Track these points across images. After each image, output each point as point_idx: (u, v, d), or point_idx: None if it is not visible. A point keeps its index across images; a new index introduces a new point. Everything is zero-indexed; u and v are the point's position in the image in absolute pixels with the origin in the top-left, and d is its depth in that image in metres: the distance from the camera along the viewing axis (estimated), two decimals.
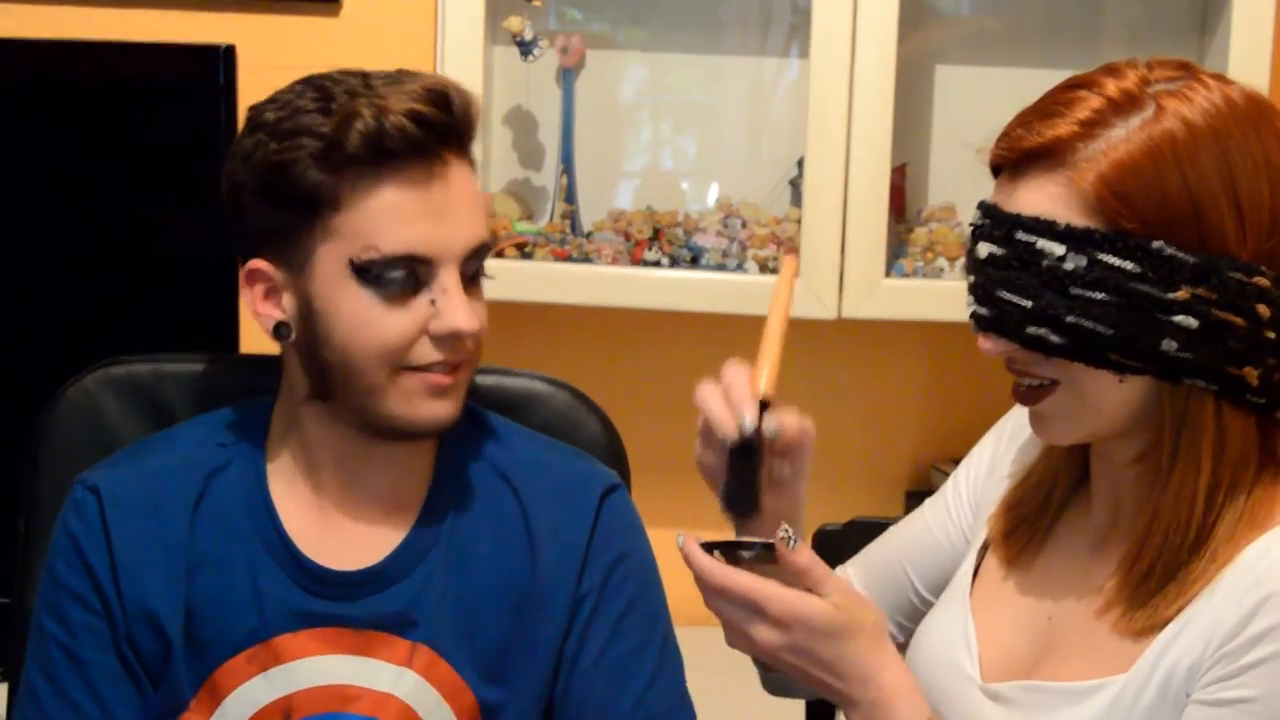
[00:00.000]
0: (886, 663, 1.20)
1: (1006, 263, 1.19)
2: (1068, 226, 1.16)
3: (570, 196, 2.23)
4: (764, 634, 1.19)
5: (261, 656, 1.34)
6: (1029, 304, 1.18)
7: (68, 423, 1.53)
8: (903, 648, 1.45)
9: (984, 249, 1.21)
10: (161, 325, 2.13)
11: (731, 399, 1.30)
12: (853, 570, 1.53)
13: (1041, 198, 1.18)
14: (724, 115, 2.31)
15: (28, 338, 2.13)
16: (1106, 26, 2.25)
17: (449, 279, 1.31)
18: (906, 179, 2.24)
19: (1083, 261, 1.16)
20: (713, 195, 2.28)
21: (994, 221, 1.21)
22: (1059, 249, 1.17)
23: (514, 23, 2.15)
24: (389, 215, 1.28)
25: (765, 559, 1.20)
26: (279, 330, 1.34)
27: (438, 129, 1.29)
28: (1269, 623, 1.13)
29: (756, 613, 1.19)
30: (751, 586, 1.19)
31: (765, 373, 1.31)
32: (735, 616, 1.20)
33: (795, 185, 2.21)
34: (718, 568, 1.20)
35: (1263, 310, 1.16)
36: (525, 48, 2.15)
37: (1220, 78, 1.20)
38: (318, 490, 1.39)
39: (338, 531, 1.38)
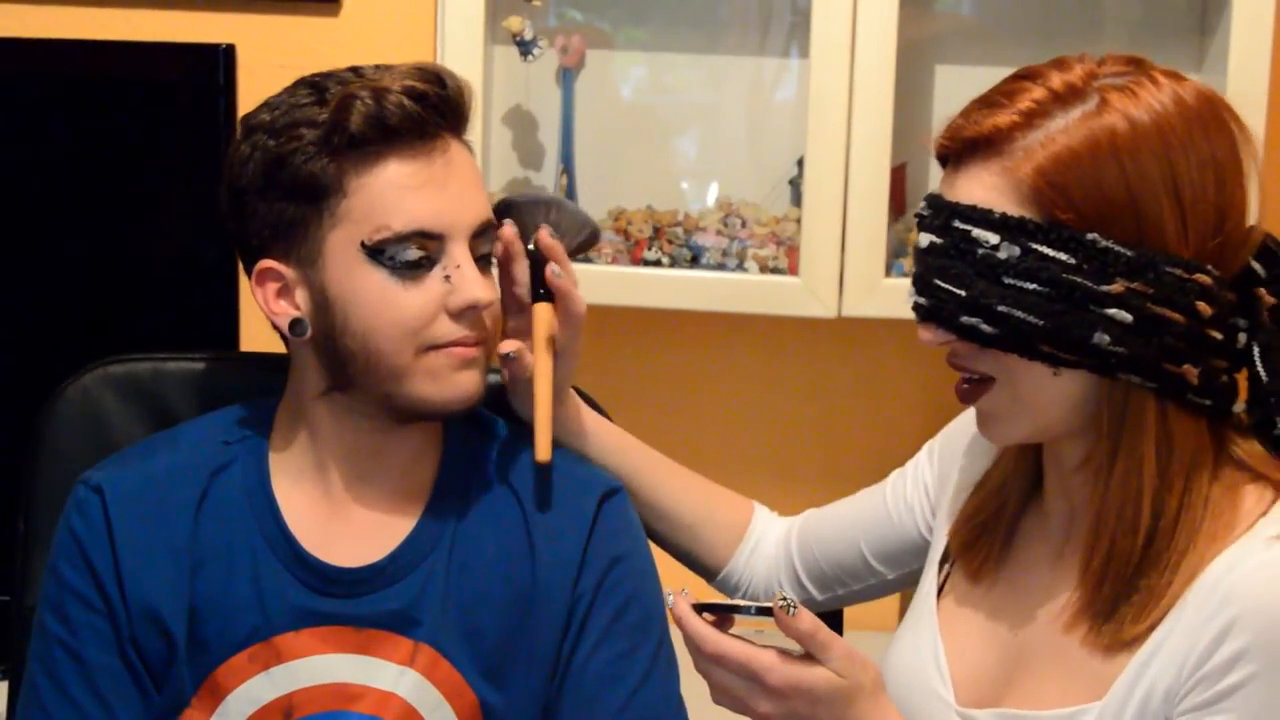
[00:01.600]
0: (887, 718, 1.20)
1: (944, 251, 1.19)
2: (1003, 215, 1.16)
3: (570, 196, 2.23)
4: (762, 704, 1.19)
5: (263, 655, 1.34)
6: (963, 293, 1.18)
7: (67, 422, 1.53)
8: (846, 603, 1.54)
9: (924, 239, 1.21)
10: (161, 325, 2.13)
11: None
12: (813, 518, 1.56)
13: (979, 187, 1.18)
14: (724, 115, 2.31)
15: (28, 338, 2.13)
16: (1106, 26, 2.25)
17: (460, 253, 1.32)
18: (906, 179, 2.24)
19: (1016, 251, 1.15)
20: (713, 195, 2.28)
21: (935, 210, 1.21)
22: (993, 238, 1.16)
23: (514, 22, 2.14)
24: (395, 192, 1.29)
25: (763, 616, 1.18)
26: (295, 327, 1.34)
27: (435, 105, 1.31)
28: (1241, 644, 1.11)
29: (754, 681, 1.18)
30: (749, 655, 1.18)
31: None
32: (730, 684, 1.20)
33: (795, 185, 2.21)
34: (711, 634, 1.19)
35: (1203, 308, 1.15)
36: (525, 47, 2.15)
37: (1173, 75, 1.19)
38: (323, 487, 1.39)
39: (341, 528, 1.38)
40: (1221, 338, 1.17)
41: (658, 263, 2.18)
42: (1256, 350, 1.19)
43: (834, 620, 1.80)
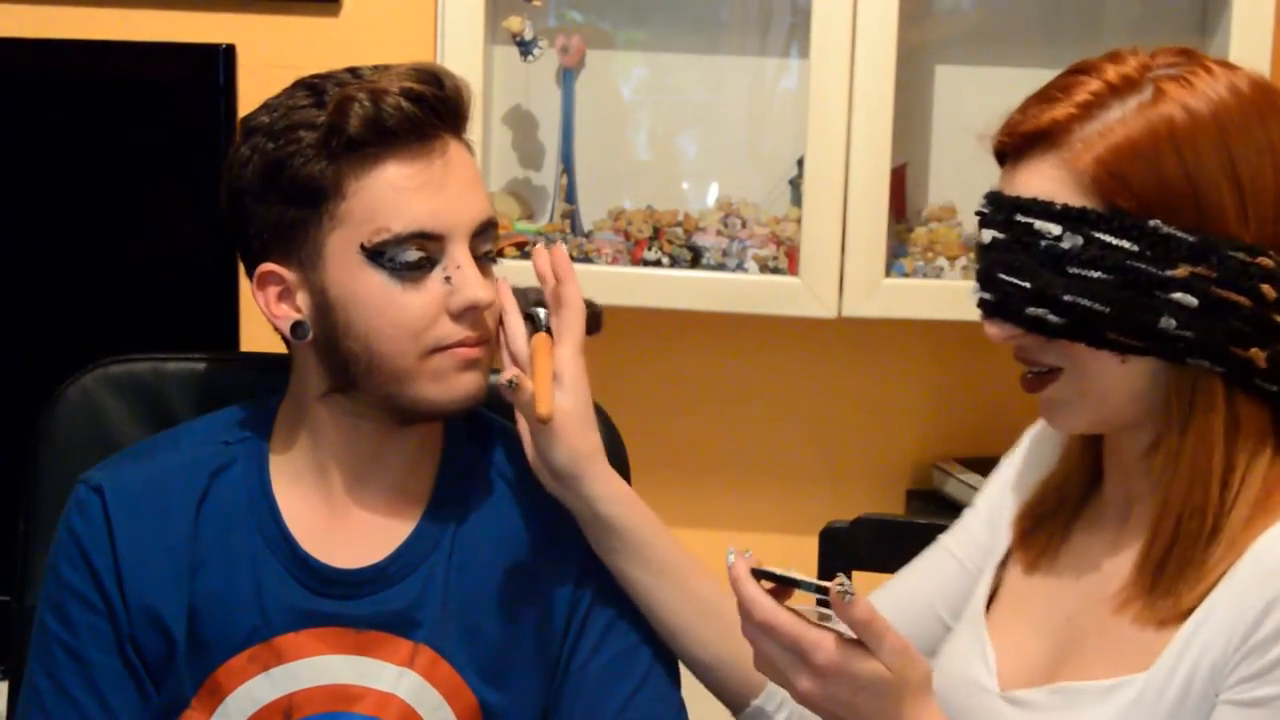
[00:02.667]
0: (929, 716, 1.18)
1: (1007, 246, 1.20)
2: (1064, 206, 1.17)
3: (570, 196, 2.23)
4: (803, 680, 1.16)
5: (263, 655, 1.34)
6: (1028, 285, 1.19)
7: (67, 422, 1.53)
8: None
9: (987, 235, 1.22)
10: (161, 325, 2.13)
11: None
12: (882, 605, 1.49)
13: (1039, 180, 1.19)
14: (724, 115, 2.31)
15: (28, 338, 2.13)
16: (1106, 26, 2.25)
17: (460, 254, 1.31)
18: (906, 179, 2.24)
19: (1079, 241, 1.17)
20: (713, 195, 2.28)
21: (996, 207, 1.22)
22: (1056, 229, 1.17)
23: (514, 22, 2.15)
24: (394, 193, 1.29)
25: (821, 602, 1.15)
26: (297, 330, 1.34)
27: (433, 106, 1.31)
28: None
29: (799, 657, 1.16)
30: (800, 631, 1.15)
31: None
32: (775, 656, 1.17)
33: (795, 185, 2.21)
34: (766, 602, 1.16)
35: (1268, 291, 1.16)
36: (525, 47, 2.15)
37: (1226, 64, 1.20)
38: (323, 488, 1.39)
39: (341, 530, 1.38)
40: None
41: (658, 263, 2.18)
42: None
43: None
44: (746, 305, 2.13)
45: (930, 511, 2.18)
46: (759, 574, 1.17)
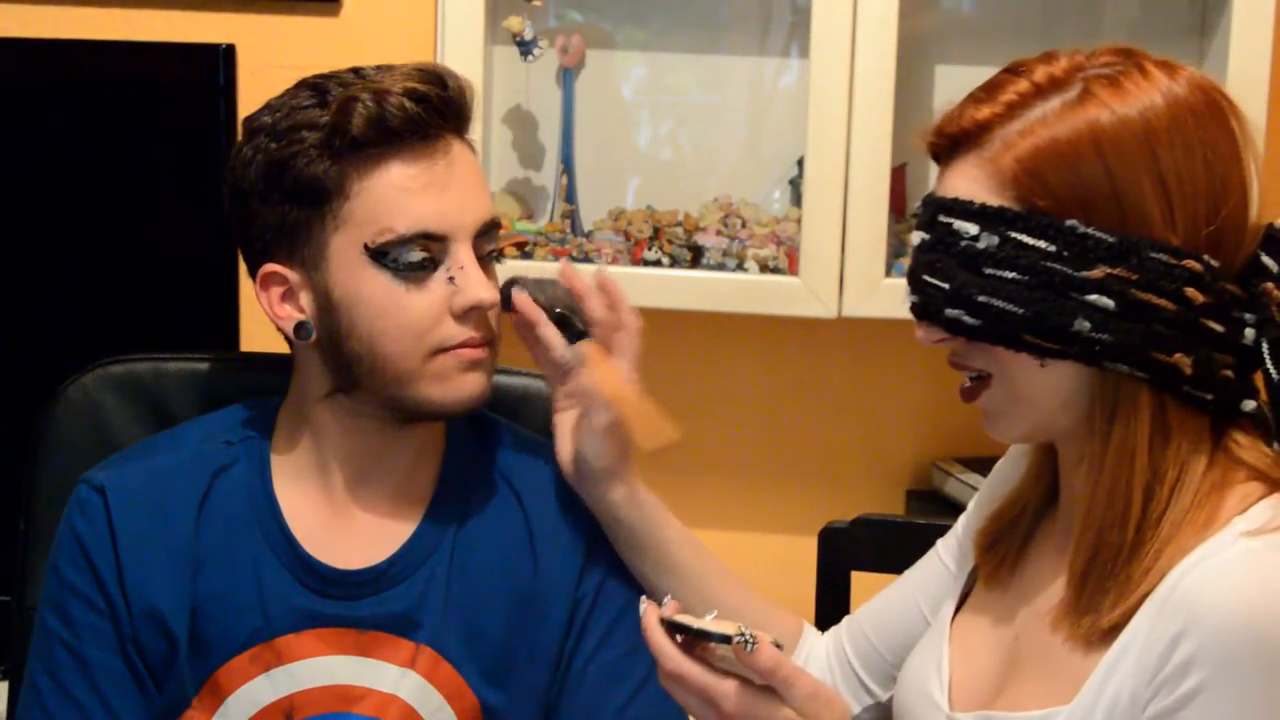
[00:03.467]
0: None
1: (930, 247, 1.19)
2: (982, 206, 1.16)
3: (570, 196, 2.23)
4: None
5: (264, 656, 1.34)
6: (947, 286, 1.17)
7: (67, 422, 1.53)
8: None
9: (916, 236, 1.21)
10: (161, 325, 2.13)
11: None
12: (863, 617, 1.49)
13: (962, 180, 1.18)
14: (724, 115, 2.31)
15: (28, 337, 2.13)
16: (1106, 27, 2.25)
17: (464, 254, 1.31)
18: (906, 179, 2.24)
19: (995, 240, 1.15)
20: (713, 195, 2.28)
21: (924, 208, 1.21)
22: (973, 228, 1.16)
23: (514, 22, 2.14)
24: (397, 193, 1.29)
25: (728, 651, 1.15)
26: (300, 330, 1.33)
27: (436, 106, 1.31)
28: (1191, 649, 1.08)
29: (711, 705, 1.16)
30: (706, 682, 1.16)
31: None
32: (691, 705, 1.18)
33: (795, 185, 2.21)
34: (672, 653, 1.17)
35: (1194, 295, 1.13)
36: (525, 47, 2.15)
37: (1166, 65, 1.18)
38: (325, 489, 1.39)
39: (343, 530, 1.38)
40: (1222, 330, 1.15)
41: (658, 263, 2.18)
42: (1266, 347, 1.17)
43: None
44: (746, 305, 2.13)
45: (930, 511, 2.18)
46: (670, 626, 1.17)
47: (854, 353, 2.35)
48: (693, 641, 1.17)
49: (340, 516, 1.38)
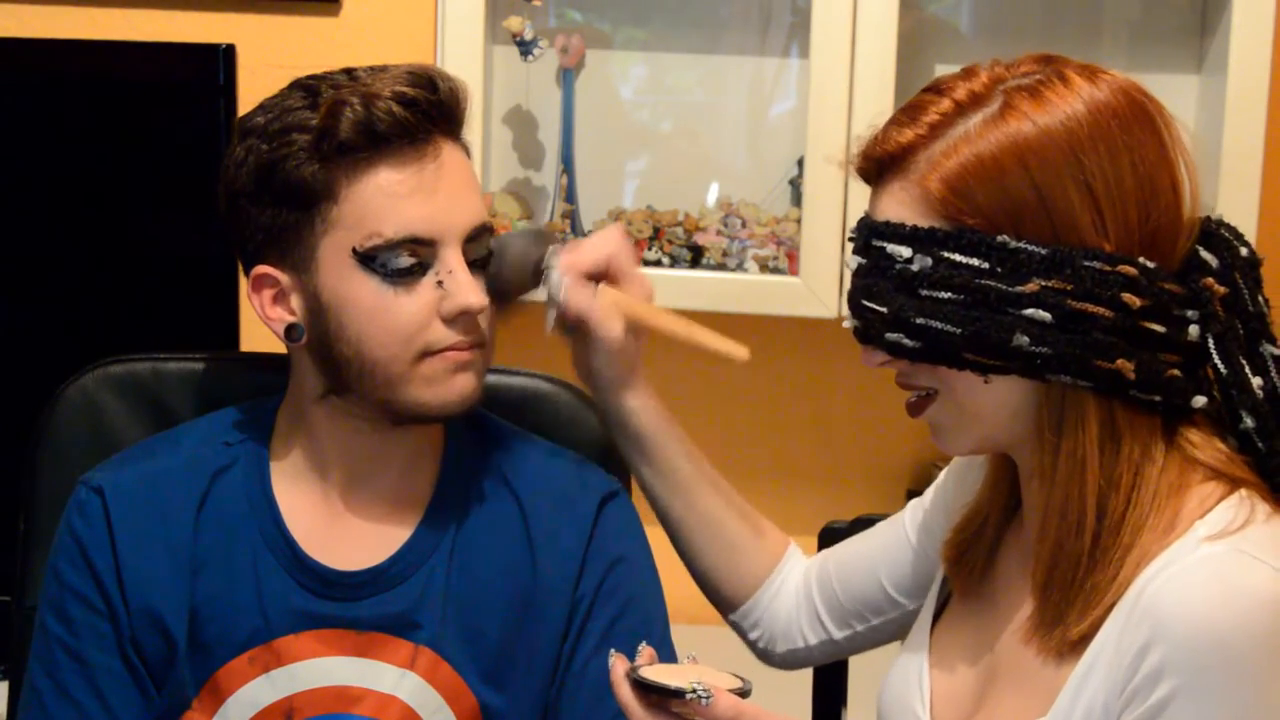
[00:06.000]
0: None
1: (867, 271, 1.19)
2: (913, 228, 1.15)
3: (570, 196, 2.23)
4: None
5: (264, 657, 1.34)
6: (885, 310, 1.17)
7: (67, 422, 1.53)
8: (866, 641, 1.50)
9: (853, 260, 1.21)
10: (161, 325, 2.13)
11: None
12: (833, 557, 1.52)
13: (892, 204, 1.17)
14: (724, 115, 2.31)
15: (28, 338, 2.13)
16: (1106, 27, 2.25)
17: (453, 258, 1.31)
18: None
19: (928, 262, 1.15)
20: (713, 195, 2.28)
21: (858, 232, 1.21)
22: (906, 251, 1.16)
23: (514, 23, 2.15)
24: (386, 198, 1.29)
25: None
26: (291, 332, 1.33)
27: (425, 110, 1.30)
28: (1159, 658, 1.08)
29: None
30: None
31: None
32: None
33: (795, 185, 2.21)
34: (635, 708, 1.16)
35: (1131, 300, 1.13)
36: (525, 48, 2.15)
37: (1089, 71, 1.17)
38: (323, 490, 1.39)
39: (342, 532, 1.38)
40: (1164, 330, 1.15)
41: (658, 263, 2.18)
42: (1211, 342, 1.16)
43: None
44: (746, 305, 2.13)
45: None
46: (635, 681, 1.17)
47: (854, 353, 2.34)
48: (656, 700, 1.17)
49: (339, 518, 1.38)
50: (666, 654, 1.42)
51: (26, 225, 2.13)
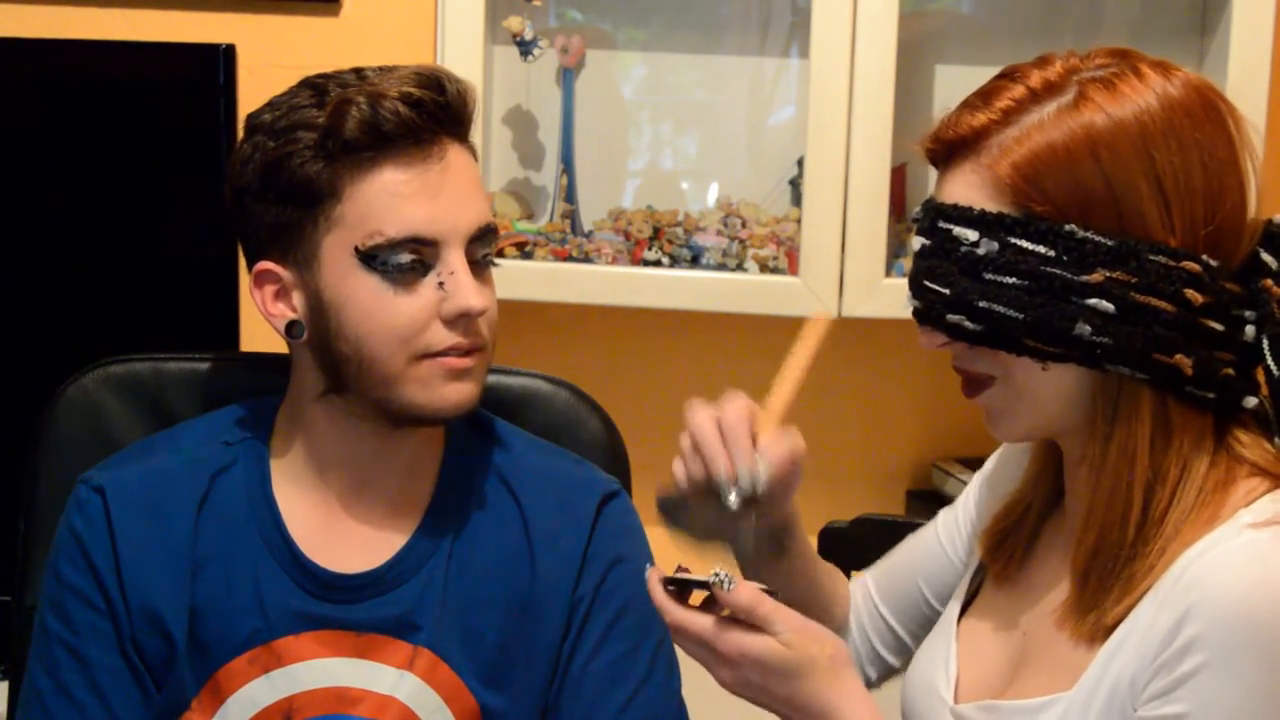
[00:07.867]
0: (847, 695, 1.18)
1: (931, 252, 1.20)
2: (981, 212, 1.16)
3: (570, 196, 2.23)
4: (721, 671, 1.19)
5: (263, 658, 1.34)
6: (948, 291, 1.18)
7: (67, 421, 1.53)
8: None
9: (916, 241, 1.22)
10: (161, 325, 2.13)
11: (731, 444, 1.31)
12: (871, 577, 1.52)
13: (961, 187, 1.18)
14: (724, 115, 2.31)
15: (28, 337, 2.13)
16: (1106, 27, 2.25)
17: (455, 260, 1.31)
18: (906, 179, 2.24)
19: (995, 246, 1.15)
20: (713, 195, 2.28)
21: (924, 213, 1.21)
22: (972, 234, 1.16)
23: (514, 23, 2.15)
24: (389, 197, 1.29)
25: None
26: (292, 329, 1.34)
27: (432, 112, 1.30)
28: (1193, 632, 1.09)
29: (710, 651, 1.18)
30: (698, 625, 1.18)
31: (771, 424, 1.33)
32: (695, 653, 1.20)
33: (795, 185, 2.21)
34: (670, 606, 1.19)
35: (1193, 296, 1.14)
36: (525, 48, 2.15)
37: (1162, 66, 1.18)
38: (323, 491, 1.39)
39: (341, 534, 1.38)
40: (1222, 329, 1.16)
41: (658, 263, 2.18)
42: (1266, 344, 1.17)
43: None
44: (746, 305, 2.13)
45: (930, 511, 2.16)
46: (667, 581, 1.19)
47: (854, 353, 2.35)
48: (691, 595, 1.19)
49: (338, 520, 1.38)
50: (665, 654, 1.42)
51: (26, 225, 2.13)
